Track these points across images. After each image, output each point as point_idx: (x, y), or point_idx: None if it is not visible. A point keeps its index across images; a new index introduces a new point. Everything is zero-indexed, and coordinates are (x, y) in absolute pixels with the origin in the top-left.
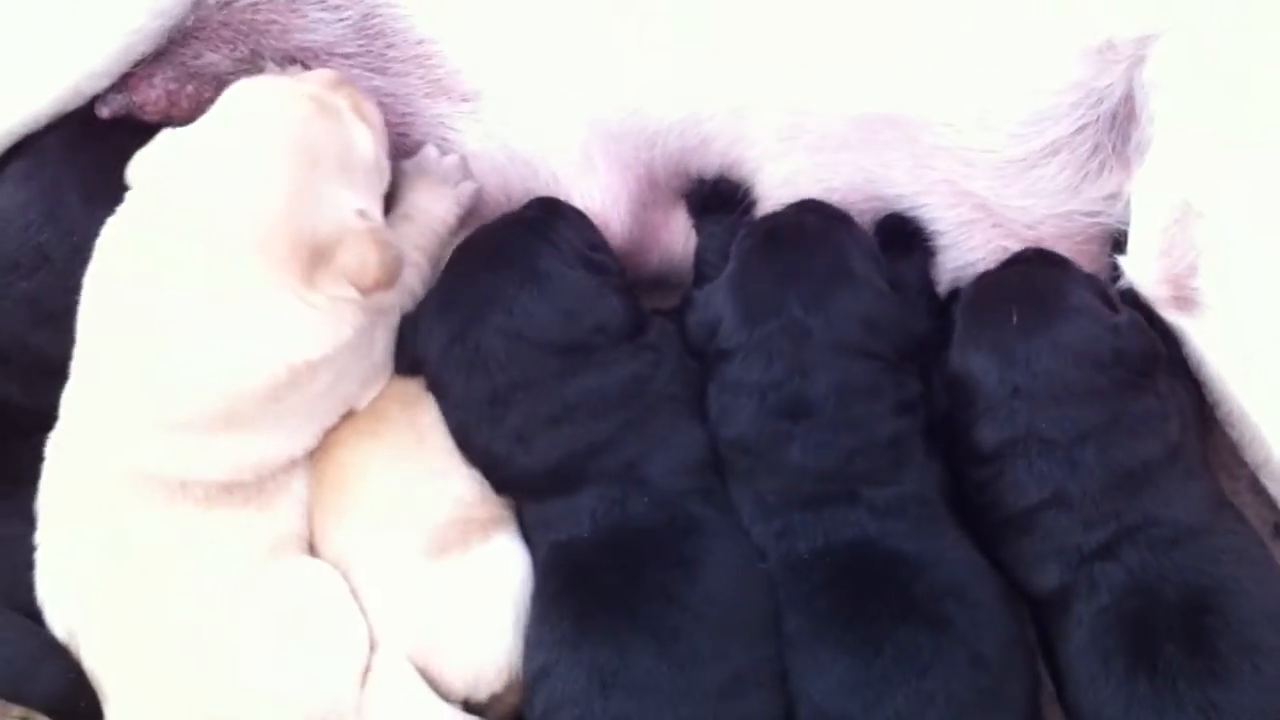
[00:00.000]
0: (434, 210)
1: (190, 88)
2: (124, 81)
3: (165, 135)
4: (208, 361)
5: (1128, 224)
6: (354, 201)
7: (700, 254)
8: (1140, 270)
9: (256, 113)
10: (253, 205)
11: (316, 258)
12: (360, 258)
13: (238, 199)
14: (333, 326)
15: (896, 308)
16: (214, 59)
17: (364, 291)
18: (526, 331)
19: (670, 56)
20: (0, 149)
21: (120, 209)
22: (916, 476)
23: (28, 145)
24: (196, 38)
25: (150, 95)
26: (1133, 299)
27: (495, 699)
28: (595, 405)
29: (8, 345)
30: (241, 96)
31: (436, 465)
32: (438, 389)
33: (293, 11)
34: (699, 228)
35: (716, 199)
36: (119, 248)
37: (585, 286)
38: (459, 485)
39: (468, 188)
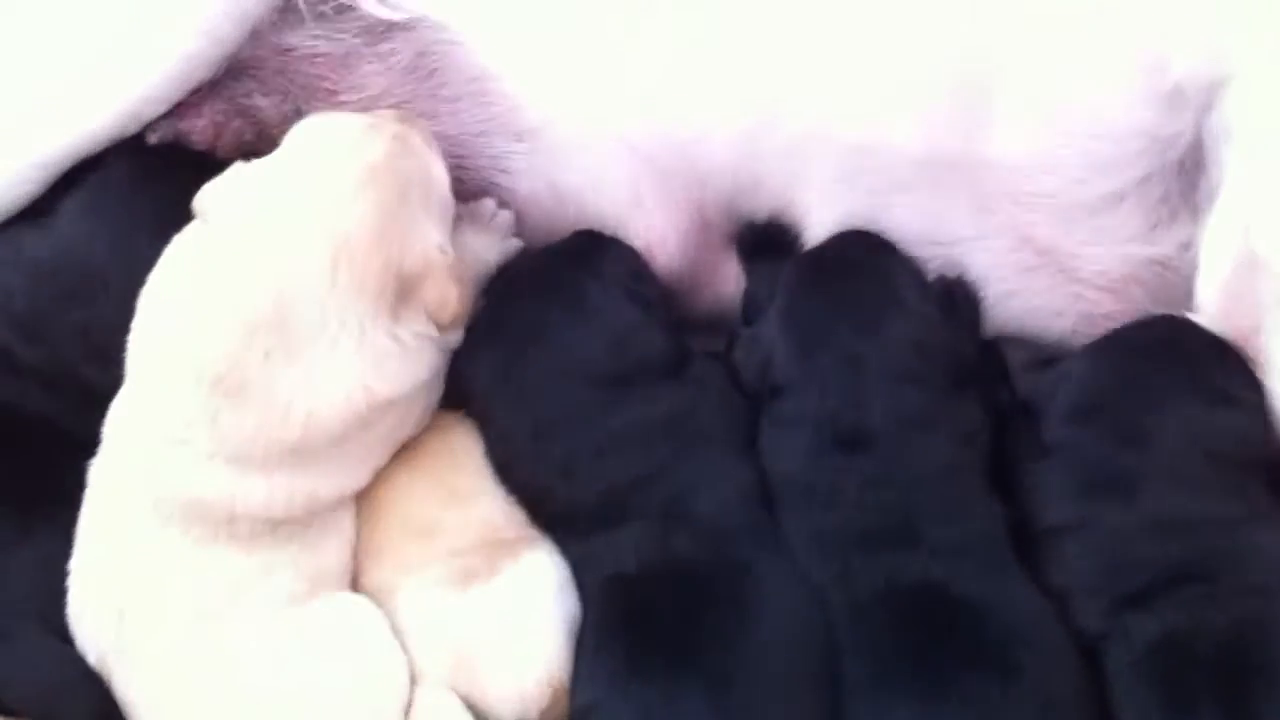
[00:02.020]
0: (480, 254)
1: (236, 123)
2: (174, 109)
3: (237, 168)
4: (288, 397)
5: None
6: (435, 235)
7: (748, 297)
8: (1207, 325)
9: (342, 144)
10: (343, 237)
11: (404, 291)
12: (442, 292)
13: (327, 231)
14: (413, 364)
15: (946, 332)
16: (262, 103)
17: (442, 328)
18: (570, 364)
19: (728, 95)
20: (59, 169)
21: (185, 237)
22: (981, 513)
23: (87, 176)
24: (251, 76)
25: (197, 124)
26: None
27: (545, 712)
28: (638, 438)
29: (57, 372)
30: (322, 130)
31: (466, 490)
32: (482, 420)
33: (345, 68)
34: (748, 270)
35: (767, 242)
36: (184, 277)
37: (629, 319)
38: (485, 508)
39: (513, 244)
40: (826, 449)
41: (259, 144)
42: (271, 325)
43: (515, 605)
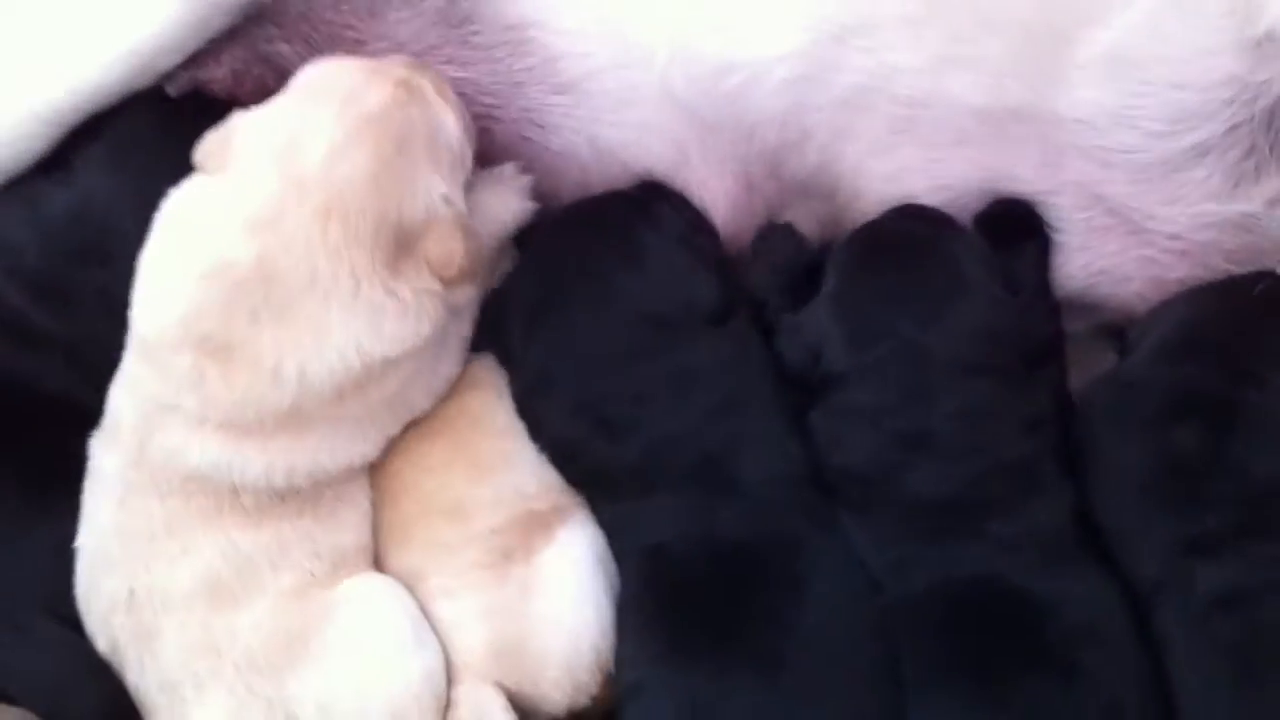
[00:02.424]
0: (498, 215)
1: (257, 70)
2: (191, 58)
3: (237, 116)
4: (277, 357)
5: None
6: (440, 186)
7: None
8: None
9: (339, 91)
10: (337, 186)
11: (403, 244)
12: (446, 245)
13: (321, 180)
14: (413, 322)
15: (1016, 314)
16: (285, 50)
17: (447, 283)
18: (615, 302)
19: (779, 42)
20: (67, 124)
21: (183, 189)
22: (1049, 503)
23: (108, 128)
24: (273, 22)
25: (217, 73)
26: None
27: (597, 698)
28: (675, 389)
29: (77, 339)
30: (321, 77)
31: (491, 458)
32: (517, 359)
33: (372, 16)
34: (758, 234)
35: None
36: (184, 229)
37: (680, 262)
38: (517, 476)
39: (529, 208)
40: (887, 444)
41: (279, 92)
42: (258, 281)
43: (558, 590)
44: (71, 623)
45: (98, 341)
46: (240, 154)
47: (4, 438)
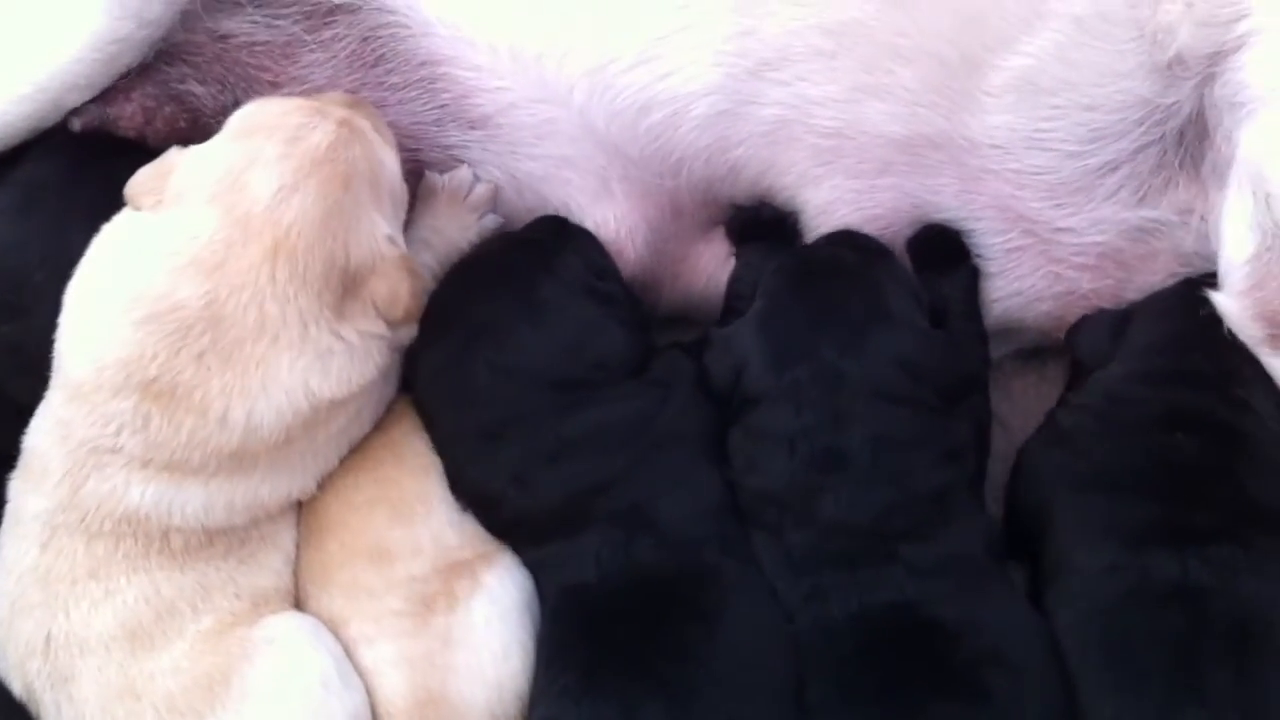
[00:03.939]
0: (454, 238)
1: (168, 109)
2: (101, 93)
3: (173, 154)
4: (225, 401)
5: (1200, 248)
6: (384, 226)
7: (733, 284)
8: (1231, 306)
9: (283, 130)
10: (285, 227)
11: (349, 286)
12: (391, 287)
13: (269, 221)
14: (360, 364)
15: (940, 347)
16: (198, 90)
17: (392, 324)
18: (521, 364)
19: (697, 78)
20: None
21: (115, 226)
22: (961, 532)
23: (13, 174)
24: (186, 62)
25: (126, 110)
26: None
27: None
28: (597, 443)
29: None
30: (262, 115)
31: (413, 500)
32: (427, 421)
33: (286, 58)
34: (739, 255)
35: (760, 225)
36: (120, 268)
37: (587, 318)
38: (435, 523)
39: (491, 221)
40: (801, 467)
41: (193, 133)
42: (205, 324)
43: (484, 641)
44: None
45: (3, 393)
46: (179, 192)
47: None
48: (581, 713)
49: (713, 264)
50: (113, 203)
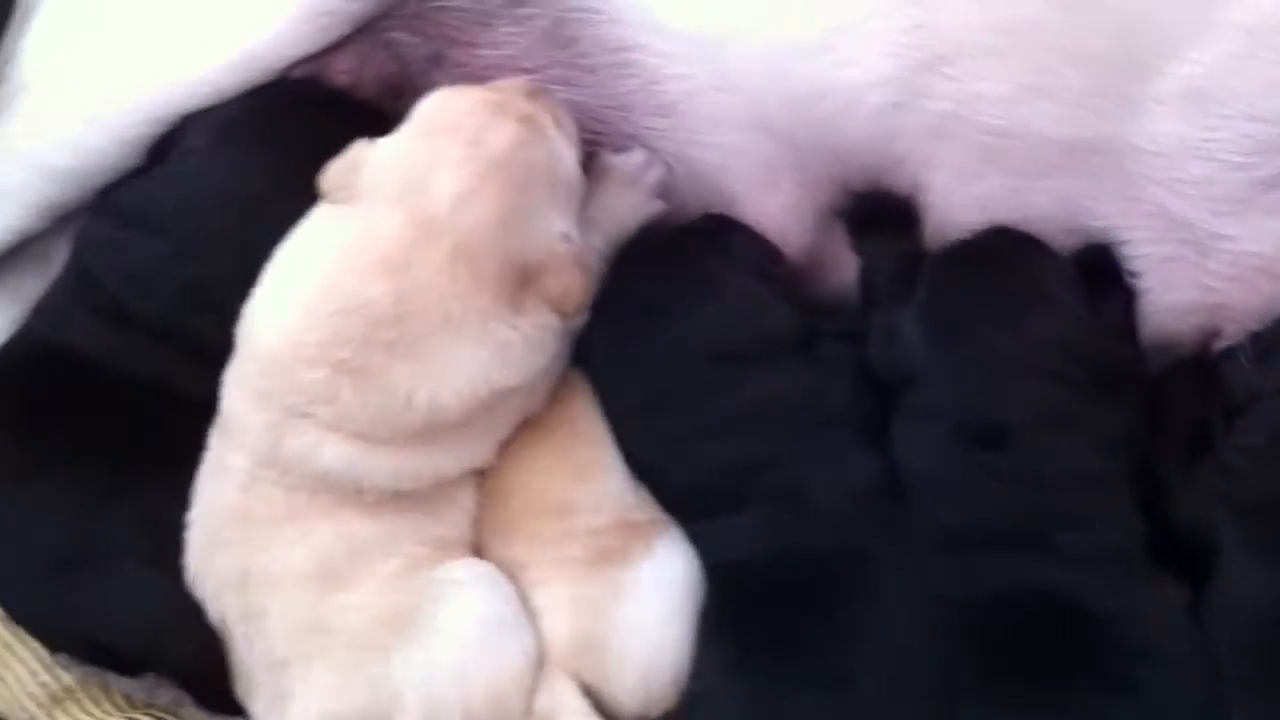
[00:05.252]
0: (623, 219)
1: (379, 55)
2: None
3: (361, 147)
4: (409, 385)
5: None
6: (559, 223)
7: (868, 275)
8: None
9: (464, 131)
10: (466, 231)
11: (524, 282)
12: (565, 284)
13: (450, 225)
14: (535, 353)
15: (1097, 333)
16: (403, 39)
17: (564, 317)
18: (690, 337)
19: (872, 68)
20: (176, 121)
21: (313, 219)
22: (1118, 524)
23: (209, 116)
24: (390, 13)
25: (340, 57)
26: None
27: (668, 713)
28: (756, 419)
29: (168, 325)
30: (445, 112)
31: (593, 464)
32: (598, 392)
33: (481, 26)
34: (860, 248)
35: (882, 214)
36: (316, 261)
37: (756, 294)
38: (618, 484)
39: (656, 205)
40: (959, 444)
41: (401, 80)
42: (393, 319)
43: (648, 600)
44: None
45: (188, 329)
46: (368, 189)
47: (99, 413)
48: (735, 690)
49: None
50: (290, 149)
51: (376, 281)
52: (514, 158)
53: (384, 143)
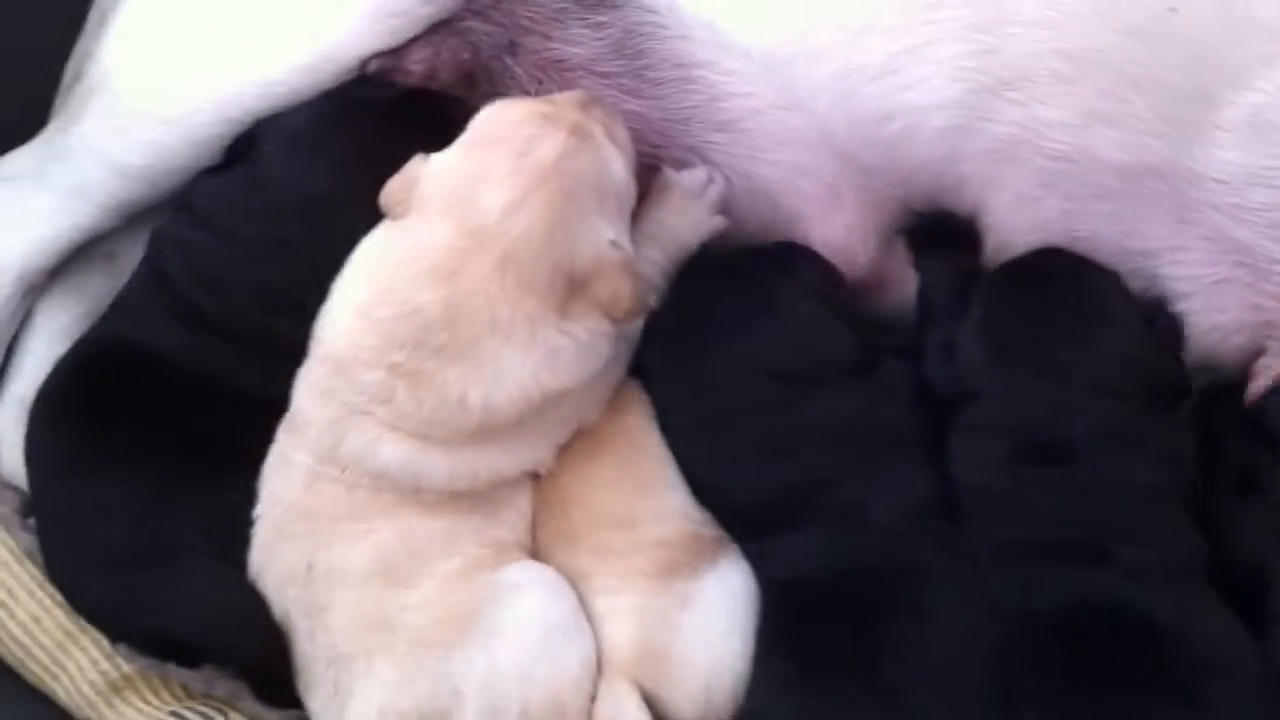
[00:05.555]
0: (684, 236)
1: (453, 42)
2: None
3: (416, 163)
4: (462, 388)
5: None
6: (608, 231)
7: (925, 293)
8: None
9: (514, 142)
10: (514, 239)
11: (573, 288)
12: (613, 289)
13: (498, 233)
14: (587, 358)
15: (1156, 349)
16: (477, 27)
17: (615, 322)
18: (752, 357)
19: (937, 91)
20: (251, 122)
21: (375, 235)
22: (1179, 540)
23: (286, 118)
24: (464, 5)
25: (415, 48)
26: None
27: None
28: (817, 439)
29: (241, 325)
30: (495, 124)
31: (654, 480)
32: (659, 408)
33: (555, 20)
34: (919, 265)
35: (942, 235)
36: (376, 272)
37: (819, 318)
38: (680, 499)
39: (719, 222)
40: (1020, 459)
41: (475, 68)
42: (443, 325)
43: (713, 612)
44: None
45: (264, 328)
46: (421, 200)
47: (168, 411)
48: (792, 706)
49: None
50: (356, 152)
51: (426, 288)
52: (562, 167)
53: (437, 157)
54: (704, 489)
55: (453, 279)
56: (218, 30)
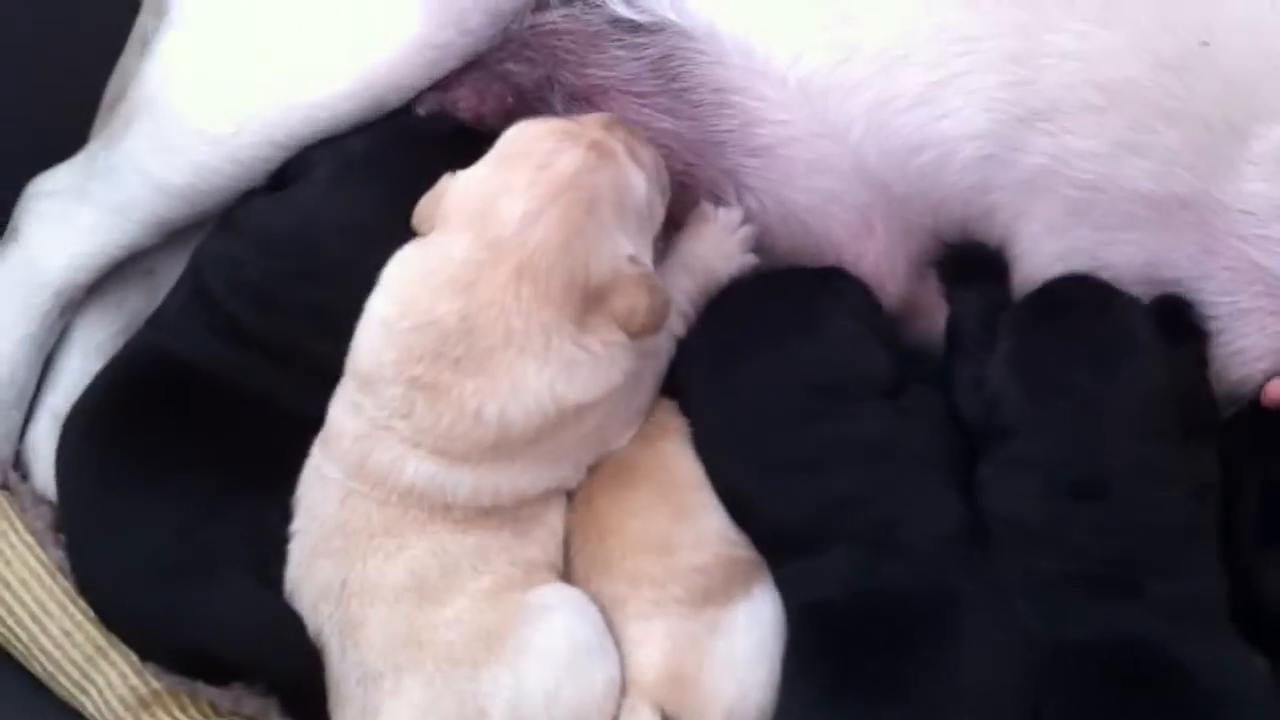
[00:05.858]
0: (716, 267)
1: (496, 87)
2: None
3: (445, 180)
4: (478, 401)
5: None
6: (627, 246)
7: (955, 323)
8: None
9: (533, 157)
10: (530, 250)
11: (590, 301)
12: (629, 302)
13: (515, 244)
14: (605, 371)
15: (1184, 375)
16: (515, 69)
17: (631, 335)
18: (789, 369)
19: (970, 121)
20: (299, 147)
21: (404, 251)
22: (1205, 573)
23: (333, 148)
24: (500, 48)
25: (461, 93)
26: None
27: None
28: (847, 457)
29: (285, 345)
30: (517, 141)
31: (691, 504)
32: (693, 418)
33: (592, 46)
34: (950, 296)
35: (973, 265)
36: (400, 286)
37: (858, 334)
38: (718, 522)
39: (749, 260)
40: (1055, 493)
41: (519, 108)
42: (459, 336)
43: (743, 638)
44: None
45: (305, 351)
46: (447, 216)
47: (207, 426)
48: None
49: None
50: (407, 182)
51: (445, 299)
52: (580, 180)
53: (463, 173)
54: (735, 503)
55: (470, 290)
56: (264, 54)
